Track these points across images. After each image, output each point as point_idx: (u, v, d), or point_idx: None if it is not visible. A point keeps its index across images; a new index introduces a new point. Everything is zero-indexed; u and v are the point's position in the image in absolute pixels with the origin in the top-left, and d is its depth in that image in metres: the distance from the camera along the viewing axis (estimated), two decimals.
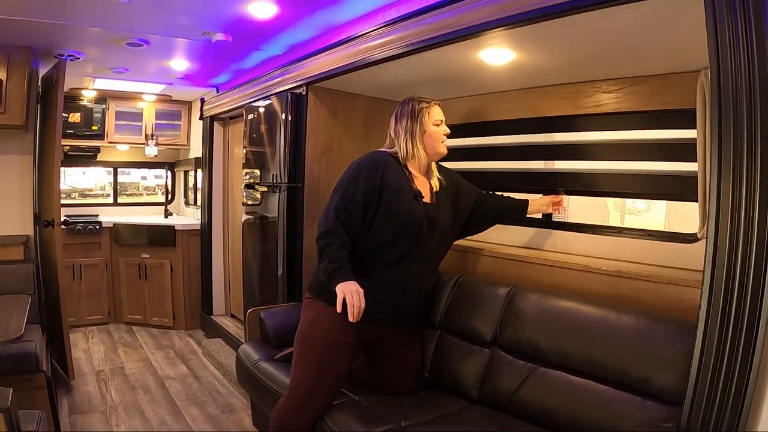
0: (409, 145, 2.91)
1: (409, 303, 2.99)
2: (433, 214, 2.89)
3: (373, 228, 2.77)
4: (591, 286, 3.01)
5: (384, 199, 2.76)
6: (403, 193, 2.80)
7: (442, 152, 2.99)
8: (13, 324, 2.97)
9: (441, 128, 2.97)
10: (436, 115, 2.96)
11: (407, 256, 2.82)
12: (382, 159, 2.88)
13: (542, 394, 2.71)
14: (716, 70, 1.72)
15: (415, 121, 2.92)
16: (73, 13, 3.71)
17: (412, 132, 2.91)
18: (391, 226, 2.76)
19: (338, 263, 2.59)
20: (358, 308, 2.48)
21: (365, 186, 2.74)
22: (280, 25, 3.97)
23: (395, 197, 2.77)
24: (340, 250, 2.63)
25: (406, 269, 2.83)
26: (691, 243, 2.89)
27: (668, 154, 3.03)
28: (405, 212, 2.78)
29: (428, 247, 2.89)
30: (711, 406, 1.75)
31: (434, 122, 2.94)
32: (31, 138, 4.81)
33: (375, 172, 2.78)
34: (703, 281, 1.79)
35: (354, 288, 2.51)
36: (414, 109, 2.94)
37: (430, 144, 2.93)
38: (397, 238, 2.77)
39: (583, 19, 2.23)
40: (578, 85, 3.35)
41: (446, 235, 3.04)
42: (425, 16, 2.89)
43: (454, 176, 3.20)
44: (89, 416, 3.96)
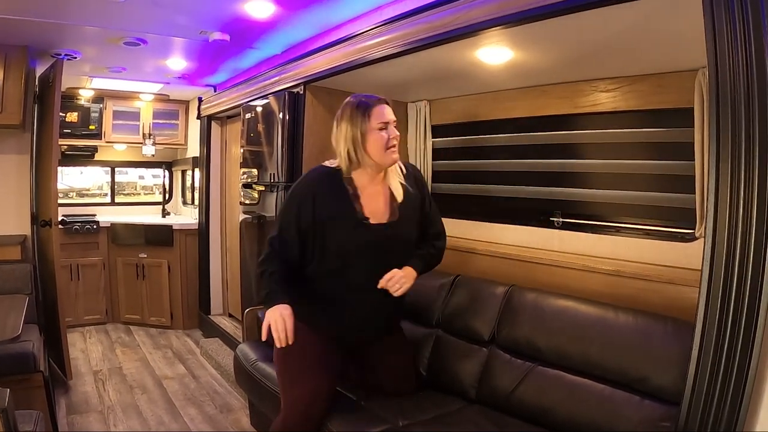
0: (347, 155, 2.57)
1: (378, 319, 2.82)
2: (385, 236, 2.62)
3: (316, 258, 2.60)
4: (589, 286, 3.01)
5: (319, 232, 2.56)
6: (340, 222, 2.56)
7: (389, 161, 2.58)
8: (11, 324, 2.97)
9: (388, 131, 2.55)
10: (381, 116, 2.54)
11: (366, 280, 2.59)
12: (316, 183, 2.62)
13: (540, 394, 2.71)
14: (714, 69, 1.72)
15: (354, 125, 2.53)
16: (70, 13, 3.71)
17: (353, 138, 2.54)
18: (332, 258, 2.58)
19: (268, 289, 2.51)
20: (283, 333, 2.38)
21: (297, 220, 2.55)
22: (277, 24, 3.97)
23: (331, 228, 2.56)
24: (272, 276, 2.53)
25: (368, 291, 2.62)
26: (690, 242, 2.89)
27: (666, 153, 3.03)
28: (343, 244, 2.57)
29: (382, 271, 2.60)
30: (709, 405, 1.75)
31: (378, 125, 2.52)
32: (29, 137, 4.81)
33: (306, 203, 2.55)
34: (701, 280, 1.79)
35: (277, 314, 2.40)
36: (353, 110, 2.56)
37: (374, 151, 2.54)
38: (345, 266, 2.59)
39: (580, 18, 2.23)
40: (576, 84, 3.35)
41: (407, 251, 2.76)
42: (423, 15, 2.89)
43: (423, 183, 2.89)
44: (87, 416, 3.95)
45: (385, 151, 2.53)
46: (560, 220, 3.58)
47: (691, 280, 2.49)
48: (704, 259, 1.78)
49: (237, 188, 5.23)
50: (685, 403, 1.83)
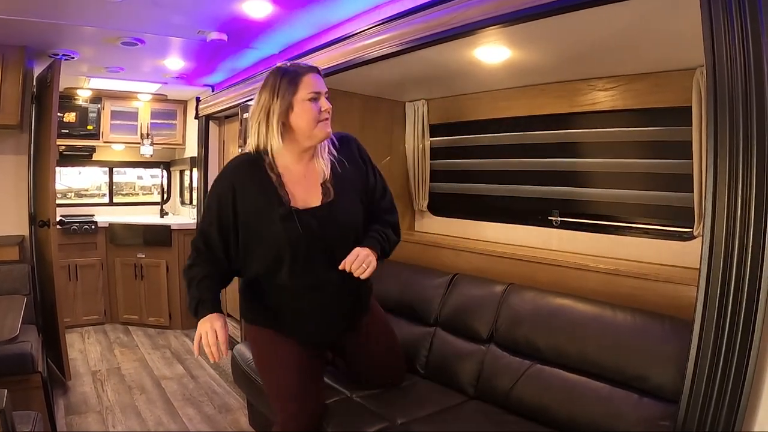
0: (263, 132, 2.27)
1: (340, 312, 2.56)
2: (320, 221, 2.33)
3: (247, 260, 2.37)
4: (588, 284, 3.01)
5: (243, 230, 2.32)
6: (267, 217, 2.28)
7: (320, 136, 2.31)
8: (9, 325, 2.96)
9: (320, 103, 2.28)
10: (311, 85, 2.26)
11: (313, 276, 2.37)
12: (234, 175, 2.34)
13: (539, 392, 2.72)
14: (712, 67, 1.72)
15: (275, 95, 2.23)
16: (67, 13, 3.70)
17: (268, 112, 2.24)
18: (266, 258, 2.33)
19: (196, 299, 2.29)
20: (215, 347, 2.18)
21: (218, 221, 2.31)
22: (275, 24, 3.96)
23: (257, 225, 2.30)
24: (200, 284, 2.31)
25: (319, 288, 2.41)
26: (688, 241, 2.90)
27: (664, 152, 3.04)
28: (275, 241, 2.29)
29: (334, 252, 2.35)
30: (707, 404, 1.75)
31: (308, 95, 2.25)
32: (26, 138, 4.80)
33: (226, 199, 2.29)
34: (699, 279, 1.79)
35: (207, 326, 2.20)
36: (277, 80, 2.26)
37: (301, 126, 2.26)
38: (274, 267, 2.33)
39: (578, 16, 2.23)
40: (574, 83, 3.36)
41: (351, 232, 2.45)
42: (420, 14, 2.89)
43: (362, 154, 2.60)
44: (85, 417, 3.95)
45: (316, 125, 2.26)
46: (558, 219, 3.58)
47: (689, 279, 2.49)
48: (702, 257, 1.78)
49: None
50: (683, 402, 1.83)
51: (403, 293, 3.68)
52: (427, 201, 4.61)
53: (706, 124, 1.77)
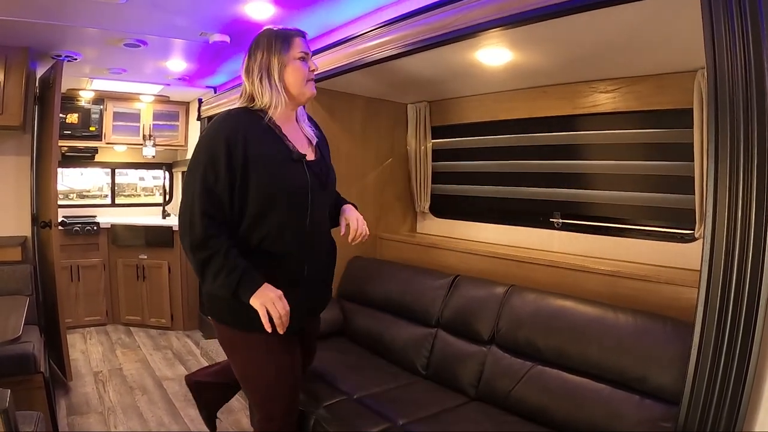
0: (266, 87, 2.25)
1: (323, 291, 2.55)
2: (319, 173, 2.36)
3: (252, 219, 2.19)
4: (589, 286, 3.02)
5: (254, 178, 2.15)
6: (280, 159, 2.23)
7: (308, 94, 2.34)
8: (11, 325, 2.97)
9: (308, 63, 2.34)
10: (302, 45, 2.33)
11: (312, 237, 2.30)
12: (240, 123, 2.20)
13: (540, 393, 2.73)
14: (713, 70, 1.73)
15: (271, 53, 2.26)
16: (70, 14, 3.71)
17: (269, 68, 2.25)
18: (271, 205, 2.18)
19: (238, 269, 2.08)
20: (286, 316, 2.10)
21: (227, 170, 2.11)
22: (277, 26, 3.97)
23: (270, 170, 2.18)
24: (230, 253, 2.10)
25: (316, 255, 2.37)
26: (689, 243, 2.90)
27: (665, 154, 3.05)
28: (288, 186, 2.21)
29: (320, 214, 2.35)
30: (708, 405, 1.76)
31: (299, 54, 2.30)
32: (29, 139, 4.81)
33: (235, 145, 2.12)
34: (700, 281, 1.79)
35: (272, 295, 2.08)
36: (270, 39, 2.29)
37: (293, 83, 2.28)
38: (287, 218, 2.21)
39: (579, 19, 2.24)
40: (575, 85, 3.37)
41: (332, 193, 2.54)
42: (422, 16, 2.89)
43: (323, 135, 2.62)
44: (87, 417, 3.95)
45: (305, 83, 2.30)
46: (560, 221, 3.59)
47: (690, 281, 2.51)
48: (703, 259, 1.78)
49: None
50: (684, 403, 1.84)
51: (405, 294, 3.69)
52: (428, 203, 4.62)
53: (707, 125, 1.77)
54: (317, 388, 3.07)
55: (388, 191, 4.72)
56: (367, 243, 4.53)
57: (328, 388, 3.09)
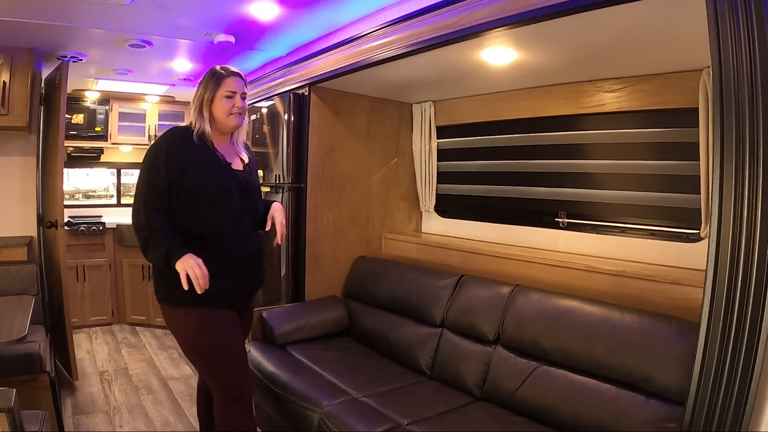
0: (195, 116, 2.76)
1: (251, 270, 2.88)
2: (245, 181, 2.82)
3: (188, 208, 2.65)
4: (594, 286, 3.01)
5: (188, 178, 2.63)
6: (206, 168, 2.69)
7: (231, 124, 2.77)
8: (17, 325, 2.97)
9: (234, 100, 2.75)
10: (229, 86, 2.74)
11: (235, 227, 2.74)
12: (180, 135, 2.73)
13: (545, 393, 2.73)
14: (718, 69, 1.72)
15: (205, 89, 2.74)
16: (75, 15, 3.72)
17: (201, 103, 2.74)
18: (199, 201, 2.65)
19: (167, 243, 2.55)
20: (202, 278, 2.47)
21: (167, 170, 2.60)
22: (282, 26, 3.98)
23: (200, 171, 2.67)
24: (164, 233, 2.59)
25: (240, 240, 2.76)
26: (694, 242, 2.90)
27: (670, 153, 3.04)
28: (209, 186, 2.67)
29: (248, 212, 2.81)
30: (714, 405, 1.75)
31: (226, 93, 2.73)
32: (35, 139, 4.82)
33: (174, 152, 2.64)
34: (705, 281, 1.79)
35: (192, 261, 2.49)
36: (207, 77, 2.78)
37: (218, 115, 2.74)
38: (218, 212, 2.69)
39: (584, 18, 2.23)
40: (580, 84, 3.36)
41: (258, 196, 2.95)
42: (427, 16, 2.89)
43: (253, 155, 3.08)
44: (93, 417, 3.96)
45: (227, 116, 2.74)
46: (565, 220, 3.59)
47: (696, 281, 2.51)
48: (709, 259, 1.78)
49: None
50: (689, 403, 1.83)
51: (410, 294, 3.69)
52: (434, 202, 4.62)
53: (713, 125, 1.76)
54: (322, 387, 3.06)
55: (394, 191, 4.72)
56: (373, 243, 4.56)
57: (333, 388, 3.09)
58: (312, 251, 4.23)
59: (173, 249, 2.54)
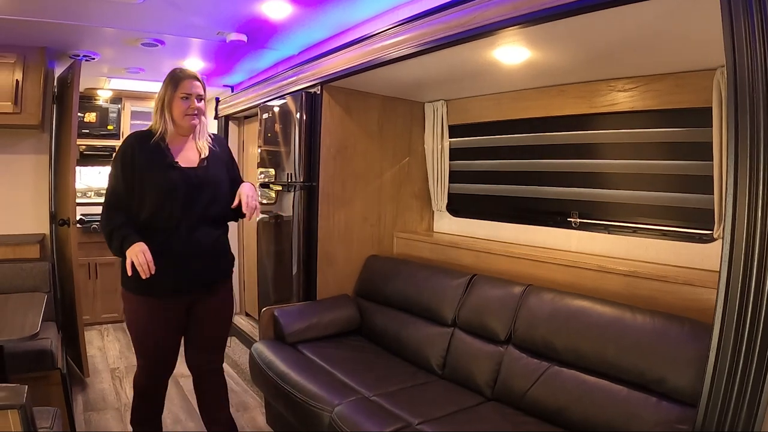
0: (157, 116, 2.97)
1: (198, 264, 2.97)
2: (195, 177, 2.94)
3: (140, 206, 2.85)
4: (606, 286, 2.99)
5: (138, 179, 2.85)
6: (156, 166, 2.88)
7: (186, 126, 2.96)
8: (29, 322, 3.00)
9: (189, 102, 2.93)
10: (185, 89, 2.93)
11: (180, 222, 2.87)
12: (136, 140, 2.95)
13: (556, 394, 2.72)
14: (732, 68, 1.71)
15: (165, 91, 2.94)
16: (88, 14, 3.73)
17: (161, 105, 2.95)
18: (152, 199, 2.84)
19: (122, 236, 2.76)
20: (145, 264, 2.65)
21: (123, 175, 2.85)
22: (294, 25, 3.98)
23: (148, 173, 2.86)
24: (121, 228, 2.79)
25: (184, 234, 2.89)
26: (707, 243, 2.88)
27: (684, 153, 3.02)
28: (155, 185, 2.84)
29: (198, 207, 2.93)
30: (726, 407, 1.73)
31: (181, 95, 2.92)
32: (47, 138, 4.85)
33: (127, 157, 2.87)
34: (719, 282, 1.77)
35: (137, 249, 2.69)
36: (167, 79, 2.97)
37: (176, 116, 2.93)
38: (162, 208, 2.84)
39: (597, 17, 2.22)
40: (593, 83, 3.34)
41: (220, 192, 3.04)
42: (439, 15, 2.89)
43: (229, 150, 3.33)
44: (104, 413, 3.98)
45: (183, 117, 2.92)
46: (577, 220, 3.57)
47: (709, 282, 2.49)
48: (722, 260, 1.76)
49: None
50: (702, 405, 1.82)
51: (422, 293, 3.69)
52: (446, 202, 4.61)
53: (727, 124, 1.75)
54: (332, 386, 3.06)
55: (405, 190, 4.71)
56: (384, 242, 4.55)
57: (344, 387, 3.09)
58: (323, 250, 4.23)
59: (127, 240, 2.74)
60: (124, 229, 2.79)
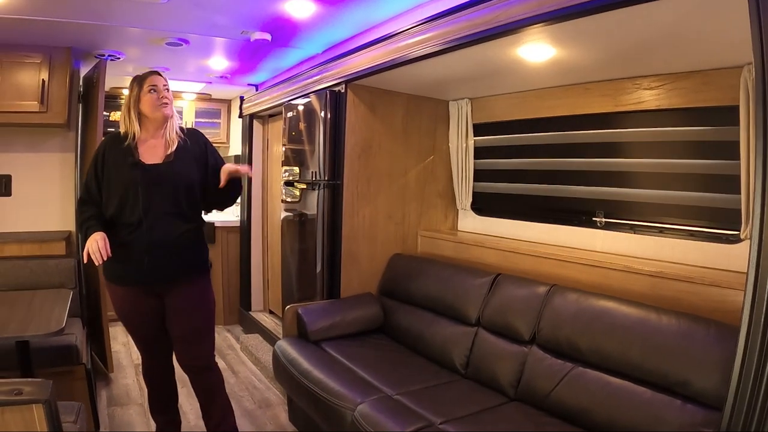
0: (125, 121, 3.05)
1: (160, 256, 3.02)
2: (157, 173, 3.00)
3: (107, 202, 2.99)
4: (631, 287, 2.97)
5: (105, 178, 2.99)
6: (120, 165, 2.98)
7: (160, 115, 3.06)
8: (55, 317, 3.04)
9: (158, 92, 3.05)
10: (150, 82, 3.06)
11: (143, 217, 2.96)
12: (108, 142, 3.09)
13: (580, 395, 2.69)
14: (760, 65, 1.68)
15: (131, 95, 3.05)
16: (113, 14, 3.76)
17: (128, 106, 3.04)
18: (114, 196, 2.96)
19: (87, 227, 2.90)
20: (97, 251, 2.75)
21: (94, 172, 3.01)
22: (318, 24, 3.99)
23: (114, 171, 2.98)
24: (89, 219, 2.93)
25: (146, 228, 2.96)
26: (734, 243, 2.84)
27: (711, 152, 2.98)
28: (119, 183, 2.96)
29: (161, 202, 3.00)
30: (752, 411, 1.70)
31: (149, 88, 3.04)
32: (73, 136, 4.90)
33: (98, 158, 3.03)
34: (746, 283, 1.74)
35: (94, 237, 2.81)
36: (130, 84, 3.09)
37: (148, 110, 3.04)
38: (124, 204, 2.95)
39: (622, 14, 2.20)
40: (619, 81, 3.31)
41: (185, 186, 3.09)
42: (463, 12, 2.87)
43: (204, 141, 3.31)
44: (127, 408, 4.01)
45: (156, 107, 3.04)
46: (603, 219, 3.54)
47: (736, 283, 2.45)
48: (750, 261, 1.73)
49: (278, 186, 5.25)
50: (727, 409, 1.79)
51: (445, 292, 3.68)
52: (470, 200, 4.59)
53: (755, 123, 1.72)
54: (355, 384, 3.06)
55: (430, 188, 4.70)
56: (408, 240, 4.55)
57: (367, 386, 3.08)
58: (347, 248, 4.23)
59: (90, 230, 2.87)
60: (89, 221, 2.93)
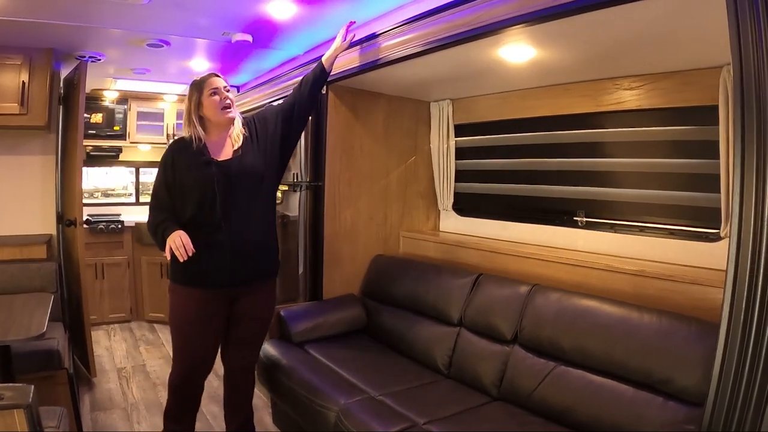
0: (188, 126, 3.04)
1: (243, 256, 3.03)
2: (231, 169, 2.99)
3: (183, 206, 2.95)
4: (613, 286, 2.99)
5: (178, 181, 2.95)
6: (192, 168, 2.96)
7: (225, 119, 3.03)
8: (36, 321, 3.01)
9: (219, 94, 3.01)
10: (211, 85, 3.02)
11: (223, 215, 2.94)
12: (175, 147, 3.06)
13: (562, 393, 2.71)
14: (738, 65, 1.69)
15: (191, 101, 3.03)
16: (93, 15, 3.74)
17: (189, 111, 3.02)
18: (192, 198, 2.93)
19: (163, 228, 2.86)
20: (181, 246, 2.73)
21: (164, 178, 2.98)
22: (299, 25, 3.98)
23: (184, 176, 2.96)
24: (163, 222, 2.89)
25: (227, 228, 2.95)
26: (715, 242, 2.86)
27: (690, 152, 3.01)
28: (195, 183, 2.93)
29: (239, 199, 3.00)
30: (733, 407, 1.72)
31: (209, 92, 3.00)
32: (54, 138, 4.86)
33: (167, 166, 3.00)
34: (726, 280, 1.76)
35: (176, 234, 2.78)
36: (190, 90, 3.08)
37: (211, 114, 3.01)
38: (202, 203, 2.92)
39: (603, 15, 2.21)
40: (599, 82, 3.33)
41: (258, 180, 3.09)
42: (444, 14, 2.88)
43: (260, 115, 3.33)
44: (110, 413, 3.99)
45: (220, 110, 2.99)
46: (584, 219, 3.57)
47: (716, 281, 2.48)
48: (729, 259, 1.75)
49: None
50: (708, 405, 1.80)
51: (428, 293, 3.68)
52: (452, 201, 4.60)
53: (733, 122, 1.74)
54: (338, 385, 3.07)
55: (412, 189, 4.70)
56: (390, 241, 4.55)
57: (350, 387, 3.09)
58: (330, 249, 4.23)
59: (167, 230, 2.83)
60: (165, 223, 2.88)
